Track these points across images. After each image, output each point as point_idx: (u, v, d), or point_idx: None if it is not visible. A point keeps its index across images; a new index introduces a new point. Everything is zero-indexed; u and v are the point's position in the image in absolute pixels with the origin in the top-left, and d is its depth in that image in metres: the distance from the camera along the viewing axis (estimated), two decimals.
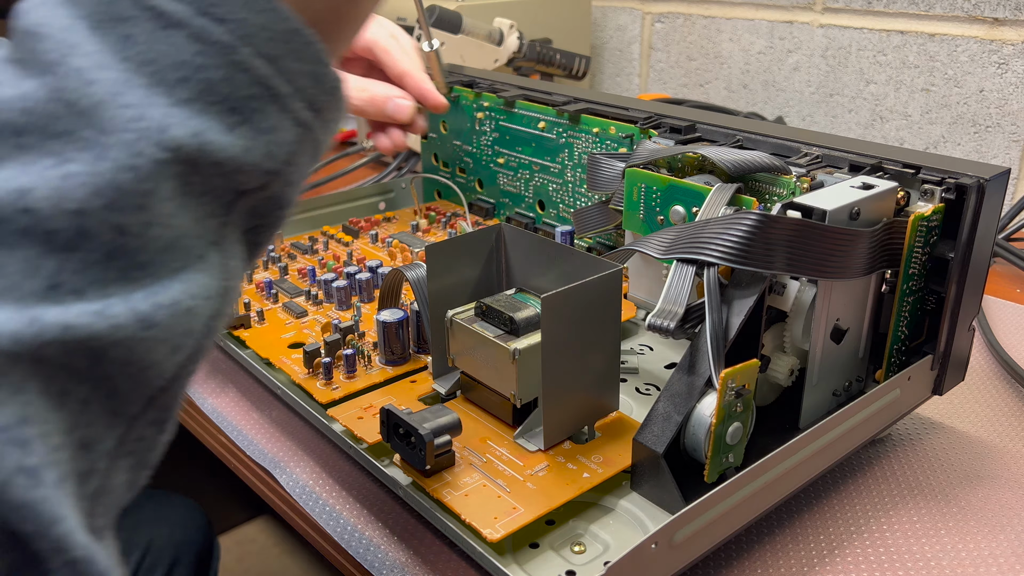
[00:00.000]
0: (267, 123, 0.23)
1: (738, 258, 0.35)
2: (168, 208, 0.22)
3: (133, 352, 0.21)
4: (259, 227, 0.26)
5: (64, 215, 0.20)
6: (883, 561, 0.36)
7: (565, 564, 0.33)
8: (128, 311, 0.21)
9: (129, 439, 0.22)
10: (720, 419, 0.34)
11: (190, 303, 0.22)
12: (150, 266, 0.21)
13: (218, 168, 0.22)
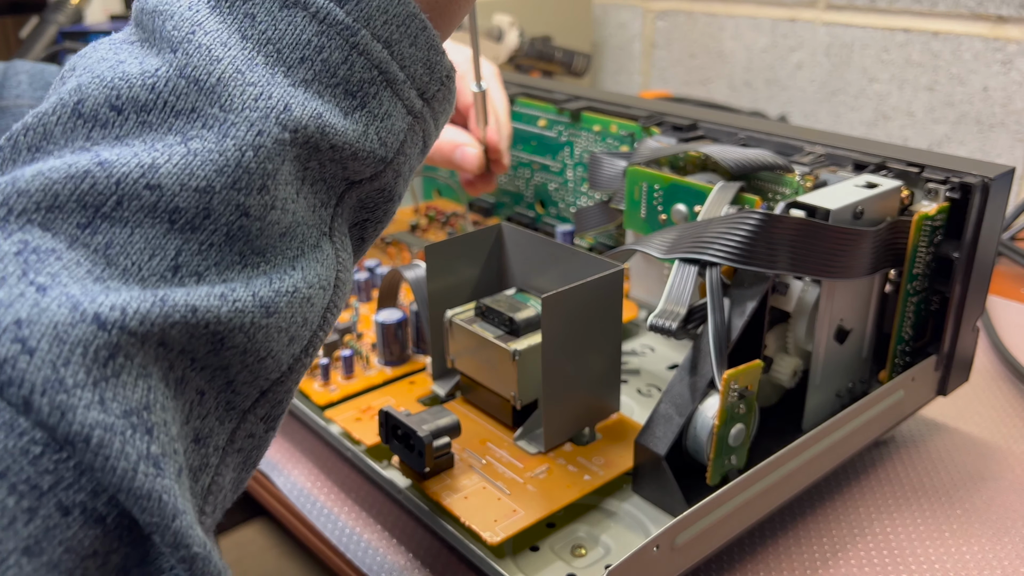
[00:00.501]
0: (382, 109, 0.23)
1: (741, 258, 0.34)
2: (287, 192, 0.22)
3: (252, 340, 0.21)
4: (367, 221, 0.26)
5: (190, 192, 0.20)
6: (887, 563, 0.36)
7: (566, 567, 0.33)
8: (250, 296, 0.21)
9: (240, 435, 0.22)
10: (723, 421, 0.34)
11: (307, 292, 0.22)
12: (269, 252, 0.21)
13: (334, 153, 0.22)
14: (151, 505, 0.18)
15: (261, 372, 0.22)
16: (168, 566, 0.19)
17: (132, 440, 0.18)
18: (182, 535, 0.19)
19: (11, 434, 0.17)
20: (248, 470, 0.23)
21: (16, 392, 0.17)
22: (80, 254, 0.19)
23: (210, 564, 0.19)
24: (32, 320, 0.17)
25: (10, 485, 0.17)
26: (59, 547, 0.17)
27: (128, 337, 0.18)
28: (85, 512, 0.18)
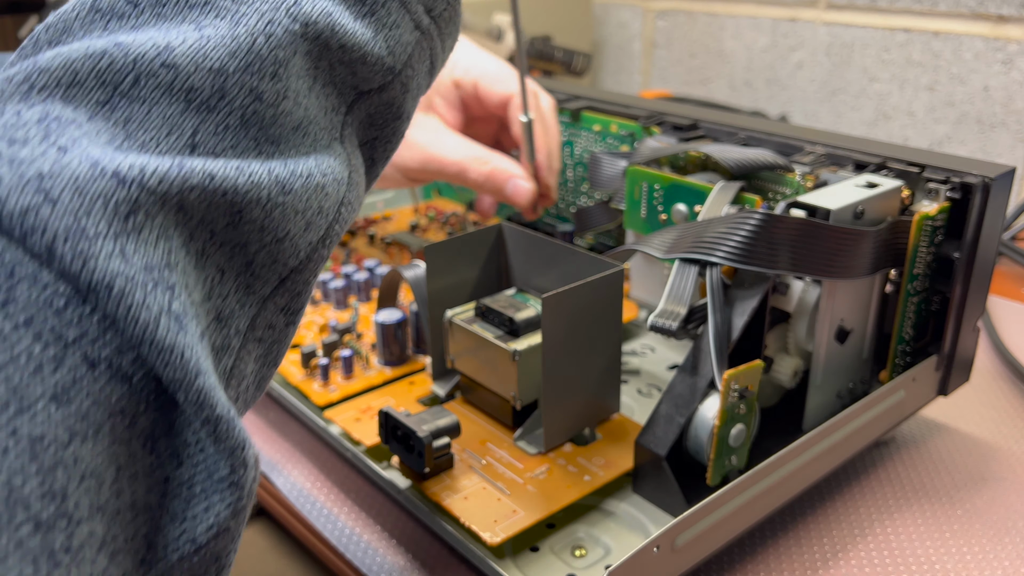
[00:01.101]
0: (390, 19, 0.24)
1: (741, 258, 0.34)
2: (299, 86, 0.22)
3: (270, 216, 0.21)
4: (376, 140, 0.26)
5: (204, 73, 0.20)
6: (887, 564, 0.36)
7: (566, 568, 0.33)
8: (266, 172, 0.21)
9: (260, 323, 0.22)
10: (723, 421, 0.33)
11: (321, 179, 0.23)
12: (282, 142, 0.22)
13: (344, 54, 0.23)
14: (173, 359, 0.18)
15: (279, 256, 0.22)
16: (195, 439, 0.19)
17: (153, 293, 0.18)
18: (205, 394, 0.19)
19: (35, 285, 0.17)
20: (269, 367, 0.24)
21: (39, 240, 0.17)
22: (100, 126, 0.19)
23: (234, 429, 0.19)
24: (54, 174, 0.18)
25: (35, 333, 0.17)
26: (87, 399, 0.17)
27: (148, 195, 0.19)
28: (111, 368, 0.18)
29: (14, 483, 0.16)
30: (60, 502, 0.17)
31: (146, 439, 0.19)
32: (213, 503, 0.19)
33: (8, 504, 0.16)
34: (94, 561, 0.18)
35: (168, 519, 0.19)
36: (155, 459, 0.19)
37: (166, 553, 0.19)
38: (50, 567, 0.16)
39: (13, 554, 0.16)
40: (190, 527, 0.19)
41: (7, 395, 0.16)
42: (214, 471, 0.19)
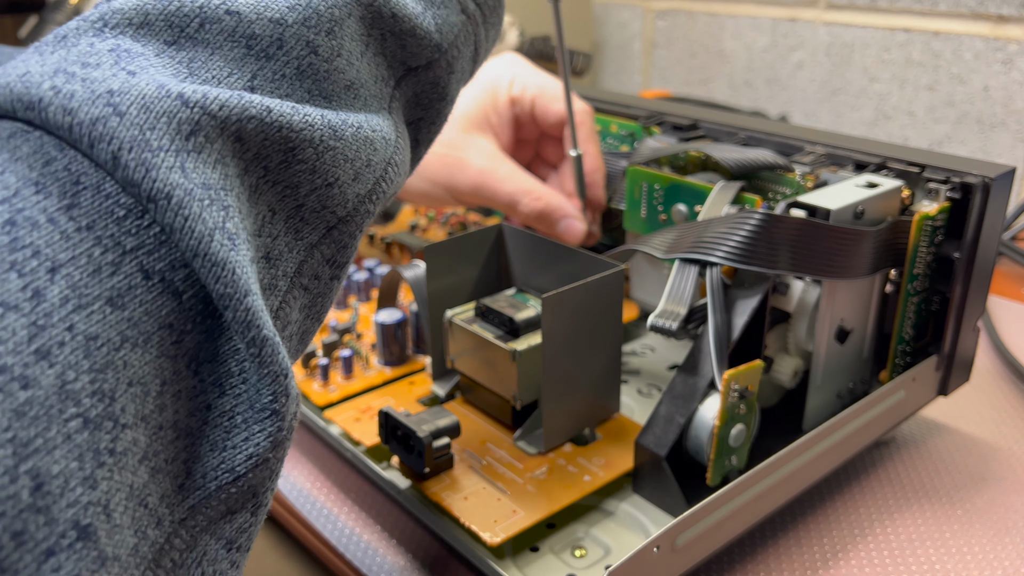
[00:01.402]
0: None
1: (742, 258, 0.34)
2: (352, 47, 0.24)
3: (321, 159, 0.22)
4: (421, 121, 0.27)
5: (264, 21, 0.22)
6: (887, 564, 0.36)
7: (566, 568, 0.33)
8: (319, 116, 0.22)
9: (307, 270, 0.23)
10: (723, 421, 0.33)
11: (371, 134, 0.24)
12: (334, 98, 0.23)
13: (395, 24, 0.25)
14: (224, 275, 0.19)
15: (328, 202, 0.23)
16: (238, 369, 0.20)
17: (209, 209, 0.19)
18: (253, 313, 0.19)
19: (98, 195, 0.18)
20: (313, 320, 0.24)
21: (106, 148, 0.18)
22: (165, 61, 0.21)
23: (279, 354, 0.20)
24: (123, 91, 0.19)
25: (96, 237, 0.18)
26: (139, 307, 0.18)
27: (209, 119, 0.20)
28: (164, 281, 0.19)
29: (67, 376, 0.17)
30: (108, 403, 0.17)
31: (191, 360, 0.19)
32: (253, 433, 0.20)
33: (60, 397, 0.16)
34: (135, 471, 0.18)
35: (208, 447, 0.20)
36: (198, 383, 0.20)
37: (204, 482, 0.20)
38: (94, 466, 0.17)
39: (61, 447, 0.16)
40: (229, 456, 0.20)
41: (67, 291, 0.17)
42: (255, 401, 0.20)
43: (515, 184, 0.48)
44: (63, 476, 0.16)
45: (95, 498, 0.17)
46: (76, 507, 0.16)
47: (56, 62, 0.19)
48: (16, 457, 0.16)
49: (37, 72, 0.19)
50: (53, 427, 0.16)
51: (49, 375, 0.16)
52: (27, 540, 0.16)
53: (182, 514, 0.19)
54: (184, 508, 0.19)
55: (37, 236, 0.17)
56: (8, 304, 0.16)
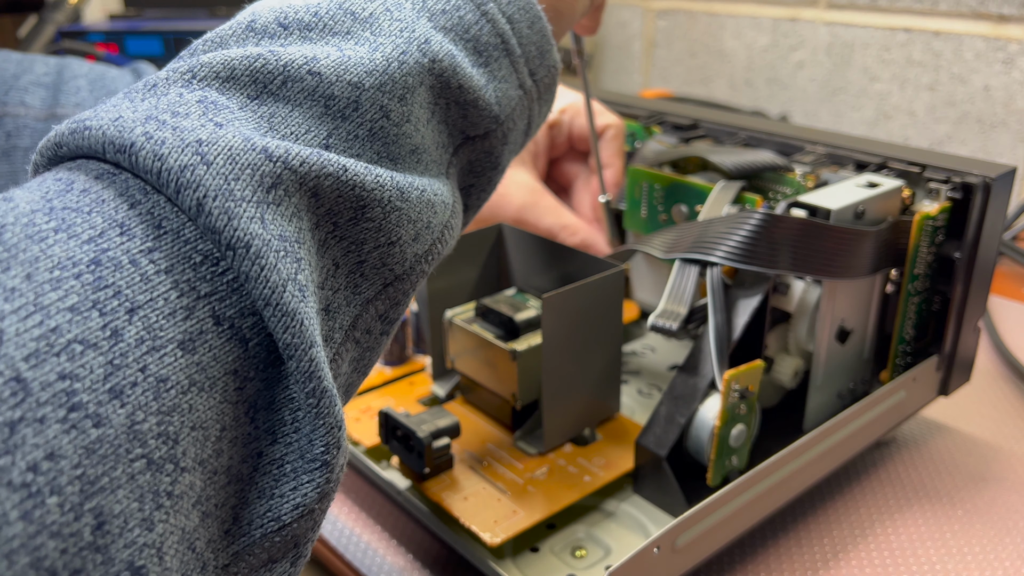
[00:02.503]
0: (500, 72, 0.27)
1: (742, 258, 0.34)
2: (420, 114, 0.25)
3: (387, 218, 0.23)
4: (472, 187, 0.29)
5: (343, 84, 0.23)
6: (888, 565, 0.36)
7: (566, 568, 0.33)
8: (389, 177, 0.23)
9: (360, 324, 0.24)
10: (724, 421, 0.33)
11: (432, 198, 0.25)
12: (400, 160, 0.24)
13: (461, 94, 0.26)
14: (294, 325, 0.19)
15: (388, 260, 0.24)
16: (291, 419, 0.20)
17: (284, 261, 0.20)
18: (317, 364, 0.20)
19: (178, 239, 0.19)
20: (359, 374, 0.25)
21: (191, 194, 0.19)
22: (248, 115, 0.21)
23: (336, 405, 0.20)
24: (211, 141, 0.20)
25: (173, 281, 0.18)
26: (208, 352, 0.19)
27: (290, 173, 0.20)
28: (232, 328, 0.19)
29: (136, 417, 0.17)
30: (172, 446, 0.18)
31: (249, 407, 0.20)
32: (302, 483, 0.20)
33: (128, 436, 0.17)
34: (188, 515, 0.18)
35: (256, 494, 0.20)
36: (253, 429, 0.20)
37: (250, 529, 0.20)
38: (153, 507, 0.17)
39: (124, 487, 0.17)
40: (276, 505, 0.20)
41: (143, 332, 0.17)
42: (307, 451, 0.20)
43: (554, 219, 0.49)
44: (124, 516, 0.17)
45: (151, 540, 0.17)
46: (132, 548, 0.17)
47: (147, 109, 0.20)
48: (83, 495, 0.16)
49: (129, 118, 0.20)
50: (119, 467, 0.16)
51: (120, 415, 0.17)
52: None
53: (226, 560, 0.20)
54: (228, 554, 0.20)
55: (119, 277, 0.18)
56: (88, 342, 0.17)
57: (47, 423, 0.16)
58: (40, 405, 0.16)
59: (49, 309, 0.16)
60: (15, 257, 0.17)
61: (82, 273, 0.17)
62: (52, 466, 0.15)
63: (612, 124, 0.49)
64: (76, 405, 0.16)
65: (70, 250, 0.17)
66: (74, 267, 0.17)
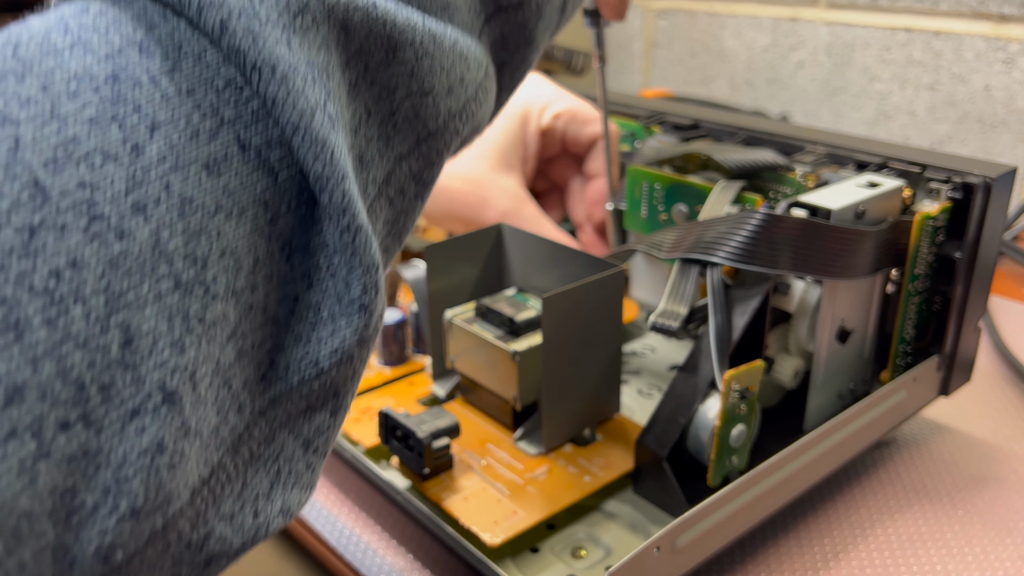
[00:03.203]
0: None
1: (743, 258, 0.34)
2: None
3: (420, 63, 0.22)
4: (505, 65, 0.27)
5: None
6: (888, 565, 0.36)
7: (566, 569, 0.33)
8: (420, 18, 0.22)
9: (393, 182, 0.23)
10: (724, 421, 0.33)
11: (464, 51, 0.23)
12: (429, 12, 0.23)
13: None
14: (324, 154, 0.18)
15: (421, 111, 0.23)
16: (326, 264, 0.20)
17: (312, 87, 0.19)
18: (350, 199, 0.19)
19: (199, 63, 0.18)
20: (395, 239, 0.24)
21: (214, 14, 0.18)
22: None
23: (371, 244, 0.20)
24: None
25: (195, 102, 0.18)
26: (235, 177, 0.18)
27: (317, 2, 0.19)
28: (260, 157, 0.18)
29: (161, 235, 0.17)
30: (200, 269, 0.17)
31: (284, 244, 0.19)
32: (340, 327, 0.20)
33: (154, 254, 0.16)
34: (223, 348, 0.18)
35: (292, 339, 0.20)
36: (289, 270, 0.19)
37: (287, 374, 0.19)
38: (183, 330, 0.17)
39: (152, 305, 0.16)
40: (314, 349, 0.20)
41: (165, 150, 0.17)
42: (343, 295, 0.20)
43: (534, 229, 0.49)
44: (152, 336, 0.16)
45: (182, 364, 0.17)
46: (163, 369, 0.16)
47: None
48: (108, 308, 0.16)
49: None
50: (145, 283, 0.16)
51: (144, 231, 0.16)
52: (114, 396, 0.16)
53: (263, 404, 0.19)
54: (265, 399, 0.19)
55: (139, 94, 0.17)
56: (108, 154, 0.16)
57: (68, 231, 0.15)
58: (60, 212, 0.15)
59: (67, 119, 0.16)
60: (30, 70, 0.16)
61: (100, 87, 0.17)
62: (75, 274, 0.15)
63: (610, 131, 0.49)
64: (98, 216, 0.16)
65: (87, 65, 0.17)
66: (91, 81, 0.17)
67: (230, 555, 0.19)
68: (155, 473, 0.16)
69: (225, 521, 0.19)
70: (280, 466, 0.20)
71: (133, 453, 0.16)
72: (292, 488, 0.20)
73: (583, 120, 0.50)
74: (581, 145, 0.51)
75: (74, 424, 0.15)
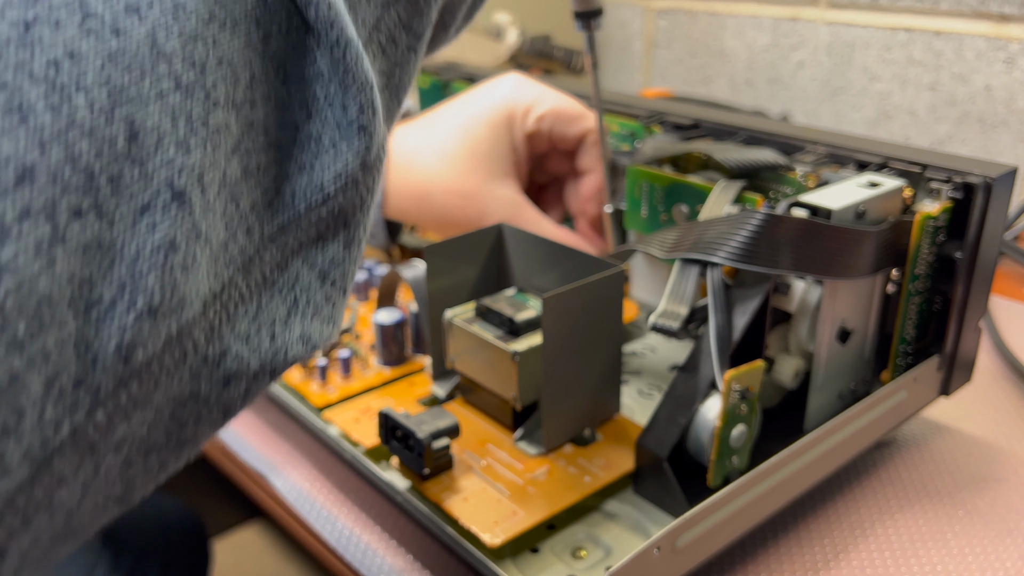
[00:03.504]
0: None
1: (743, 258, 0.34)
2: None
3: None
4: None
5: None
6: (888, 565, 0.36)
7: (567, 569, 0.33)
8: None
9: (383, 28, 0.23)
10: (724, 422, 0.33)
11: None
12: None
13: None
14: None
15: None
16: (323, 94, 0.20)
17: None
18: (336, 11, 0.19)
19: None
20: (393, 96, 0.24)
21: None
22: None
23: (362, 60, 0.20)
24: None
25: None
26: None
27: None
28: None
29: (158, 35, 0.17)
30: (199, 73, 0.18)
31: (279, 67, 0.20)
32: (341, 151, 0.20)
33: (152, 53, 0.17)
34: (228, 159, 0.18)
35: (296, 169, 0.20)
36: (287, 96, 0.20)
37: (293, 201, 0.20)
38: (187, 131, 0.17)
39: (154, 103, 0.17)
40: (318, 176, 0.20)
41: None
42: (342, 120, 0.20)
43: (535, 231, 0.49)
44: (157, 132, 0.17)
45: (188, 164, 0.17)
46: (170, 168, 0.17)
47: None
48: (111, 100, 0.16)
49: None
50: (146, 80, 0.17)
51: (140, 30, 0.17)
52: (123, 189, 0.16)
53: (272, 231, 0.20)
54: (274, 225, 0.20)
55: None
56: None
57: (63, 26, 0.16)
58: (53, 9, 0.16)
59: None
60: None
61: None
62: (74, 65, 0.16)
63: (594, 129, 0.49)
64: (91, 13, 0.16)
65: None
66: None
67: (249, 376, 0.20)
68: (169, 272, 0.17)
69: (241, 341, 0.19)
70: (297, 295, 0.20)
71: (146, 249, 0.16)
72: (312, 319, 0.21)
73: (568, 119, 0.50)
74: (569, 142, 0.51)
75: (87, 213, 0.16)
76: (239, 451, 0.44)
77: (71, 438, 0.16)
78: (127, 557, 0.67)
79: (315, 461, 0.43)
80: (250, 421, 0.46)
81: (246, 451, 0.44)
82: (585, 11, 0.45)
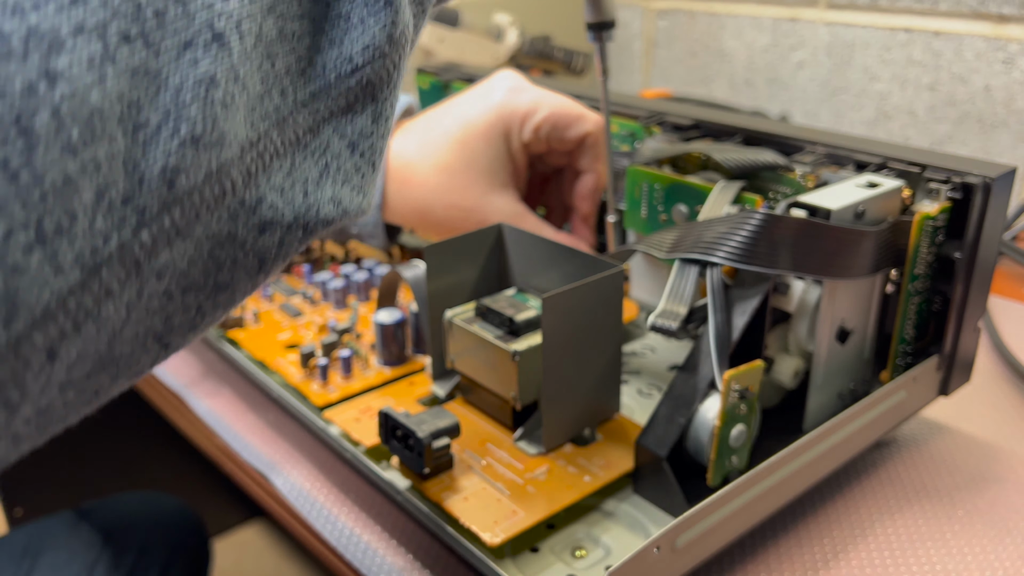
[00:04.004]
0: None
1: (742, 258, 0.34)
2: None
3: None
4: None
5: None
6: (888, 565, 0.36)
7: (566, 568, 0.33)
8: None
9: None
10: (724, 421, 0.33)
11: None
12: None
13: None
14: None
15: None
16: None
17: None
18: None
19: None
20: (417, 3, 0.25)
21: None
22: None
23: None
24: None
25: None
26: None
27: None
28: None
29: None
30: None
31: None
32: (368, 25, 0.21)
33: None
34: (265, 16, 0.20)
35: (327, 43, 0.21)
36: None
37: (324, 71, 0.21)
38: None
39: None
40: (347, 48, 0.21)
41: None
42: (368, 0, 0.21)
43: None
44: None
45: (228, 10, 0.18)
46: (210, 12, 0.18)
47: None
48: None
49: None
50: None
51: None
52: (168, 24, 0.17)
53: (304, 97, 0.21)
54: (307, 92, 0.21)
55: None
56: None
57: None
58: None
59: None
60: None
61: None
62: None
63: (591, 131, 0.49)
64: None
65: None
66: None
67: (283, 227, 0.21)
68: (210, 105, 0.18)
69: (276, 192, 0.21)
70: (328, 161, 0.22)
71: (189, 80, 0.18)
72: (342, 185, 0.22)
73: (565, 124, 0.50)
74: (567, 146, 0.51)
75: (135, 39, 0.17)
76: (240, 450, 0.44)
77: (119, 252, 0.17)
78: (128, 556, 0.67)
79: (315, 461, 0.43)
80: (250, 421, 0.46)
81: (247, 451, 0.44)
82: (598, 23, 0.45)
